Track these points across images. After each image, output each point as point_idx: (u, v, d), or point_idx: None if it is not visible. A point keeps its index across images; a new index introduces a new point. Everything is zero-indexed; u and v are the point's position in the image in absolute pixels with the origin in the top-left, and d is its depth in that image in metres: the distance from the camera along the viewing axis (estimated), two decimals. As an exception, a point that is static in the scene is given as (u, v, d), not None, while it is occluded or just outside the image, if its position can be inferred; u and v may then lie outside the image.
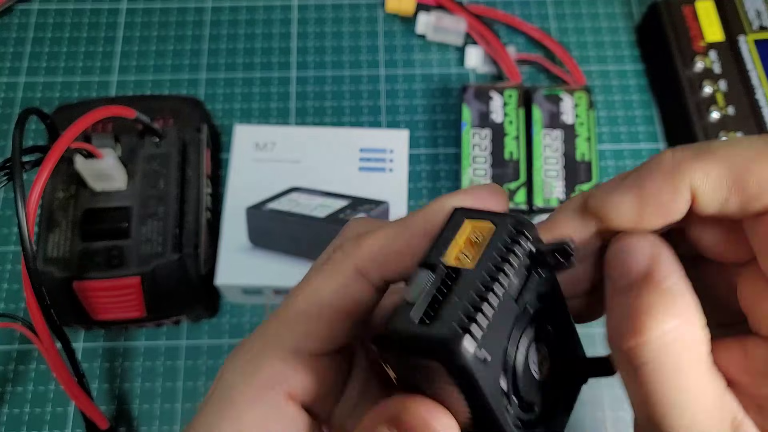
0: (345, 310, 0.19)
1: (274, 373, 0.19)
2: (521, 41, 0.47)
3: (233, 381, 0.19)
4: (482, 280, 0.17)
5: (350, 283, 0.19)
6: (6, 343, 0.38)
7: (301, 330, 0.19)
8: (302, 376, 0.19)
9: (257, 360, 0.19)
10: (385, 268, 0.19)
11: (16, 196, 0.29)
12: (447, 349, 0.15)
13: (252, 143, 0.39)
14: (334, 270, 0.20)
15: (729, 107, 0.41)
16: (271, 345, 0.19)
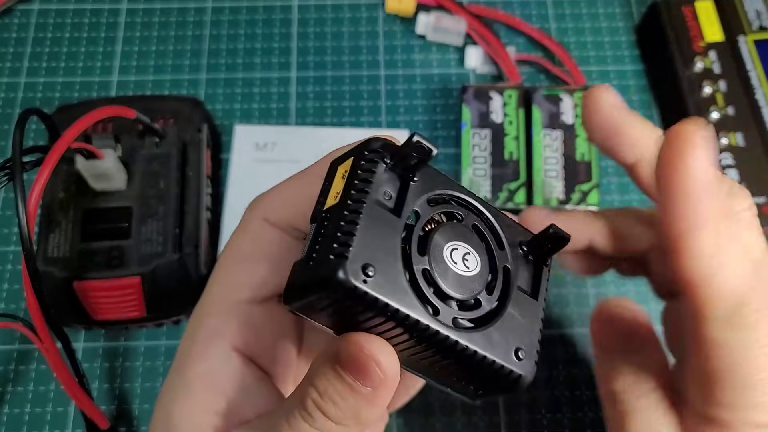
0: (264, 257, 0.21)
1: (215, 327, 0.21)
2: (521, 41, 0.47)
3: (182, 345, 0.21)
4: (343, 206, 0.17)
5: (261, 232, 0.21)
6: (6, 343, 0.38)
7: (230, 282, 0.21)
8: (241, 326, 0.21)
9: (197, 320, 0.21)
10: (290, 215, 0.21)
11: (16, 196, 0.29)
12: (326, 279, 0.16)
13: (252, 143, 0.39)
14: (245, 226, 0.22)
15: (729, 107, 0.41)
16: (206, 305, 0.21)
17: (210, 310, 0.21)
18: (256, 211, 0.21)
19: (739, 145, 0.40)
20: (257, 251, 0.21)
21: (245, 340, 0.21)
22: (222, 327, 0.21)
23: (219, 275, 0.22)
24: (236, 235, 0.22)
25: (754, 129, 0.40)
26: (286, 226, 0.21)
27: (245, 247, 0.21)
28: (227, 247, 0.22)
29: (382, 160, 0.18)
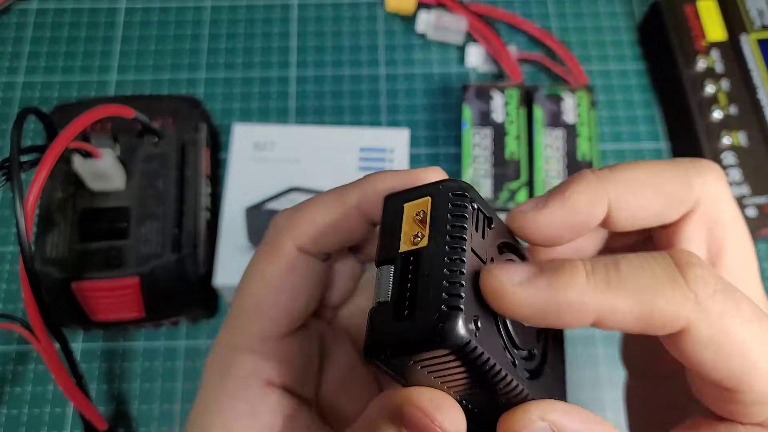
0: (295, 288, 0.20)
1: (248, 365, 0.19)
2: (522, 40, 0.47)
3: (213, 380, 0.20)
4: (443, 252, 0.16)
5: (294, 260, 0.20)
6: (4, 344, 0.38)
7: (264, 315, 0.20)
8: (274, 361, 0.20)
9: (230, 355, 0.20)
10: (322, 242, 0.20)
11: (14, 196, 0.28)
12: (442, 335, 0.15)
13: (251, 143, 0.39)
14: (275, 251, 0.20)
15: (731, 106, 0.41)
16: (238, 338, 0.20)
17: (243, 345, 0.20)
18: (287, 234, 0.20)
19: (742, 145, 0.40)
20: (291, 282, 0.20)
21: (280, 374, 0.20)
22: (256, 365, 0.20)
23: (249, 304, 0.20)
24: (266, 260, 0.20)
25: (757, 128, 0.40)
26: (316, 252, 0.20)
27: (278, 276, 0.20)
28: (255, 272, 0.20)
29: (470, 204, 0.17)
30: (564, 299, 0.16)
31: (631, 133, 0.44)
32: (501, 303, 0.16)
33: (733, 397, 0.17)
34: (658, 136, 0.44)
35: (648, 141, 0.44)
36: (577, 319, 0.16)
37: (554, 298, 0.16)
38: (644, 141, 0.44)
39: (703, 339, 0.16)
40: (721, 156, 0.40)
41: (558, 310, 0.16)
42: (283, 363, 0.20)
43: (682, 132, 0.42)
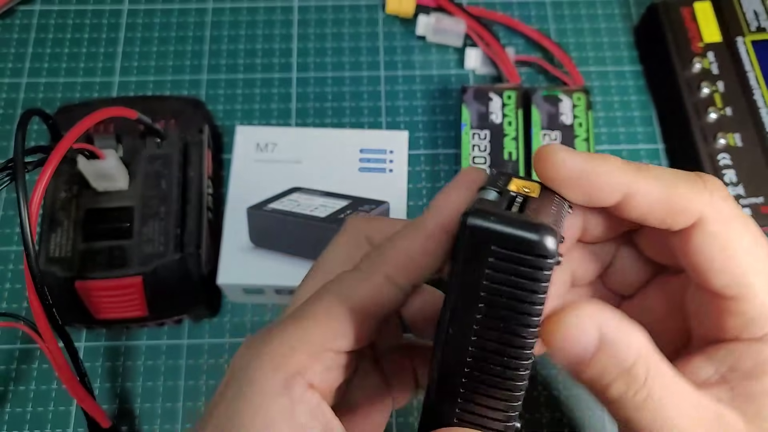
0: (374, 314, 0.20)
1: (301, 367, 0.19)
2: (520, 42, 0.47)
3: (258, 374, 0.19)
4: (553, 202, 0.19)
5: (382, 289, 0.20)
6: (8, 343, 0.38)
7: (333, 329, 0.20)
8: (326, 371, 0.20)
9: (287, 354, 0.20)
10: (411, 274, 0.21)
11: (18, 197, 0.29)
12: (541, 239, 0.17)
13: (253, 144, 0.39)
14: (366, 277, 0.21)
15: (727, 108, 0.41)
16: (301, 340, 0.20)
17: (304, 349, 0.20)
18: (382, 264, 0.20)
19: (737, 146, 0.40)
20: (371, 308, 0.20)
21: (324, 383, 0.20)
22: (310, 370, 0.20)
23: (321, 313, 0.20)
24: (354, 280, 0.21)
25: (752, 129, 0.41)
26: (405, 285, 0.21)
27: (360, 298, 0.20)
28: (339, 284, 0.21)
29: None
30: (601, 169, 0.19)
31: (627, 134, 0.45)
32: (545, 166, 0.19)
33: (735, 308, 0.19)
34: (654, 137, 0.45)
35: (644, 142, 0.45)
36: (607, 191, 0.19)
37: (591, 169, 0.19)
38: (641, 142, 0.45)
39: (713, 233, 0.19)
40: (716, 157, 0.40)
41: (593, 184, 0.19)
42: (331, 374, 0.20)
43: (679, 133, 0.43)
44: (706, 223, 0.19)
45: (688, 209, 0.19)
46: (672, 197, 0.19)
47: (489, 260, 0.17)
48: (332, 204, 0.37)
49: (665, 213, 0.19)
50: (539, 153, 0.20)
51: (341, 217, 0.36)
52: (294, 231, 0.37)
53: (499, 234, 0.17)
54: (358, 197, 0.38)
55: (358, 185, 0.38)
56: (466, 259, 0.17)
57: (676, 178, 0.19)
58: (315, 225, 0.36)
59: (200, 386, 0.38)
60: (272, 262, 0.37)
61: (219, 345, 0.39)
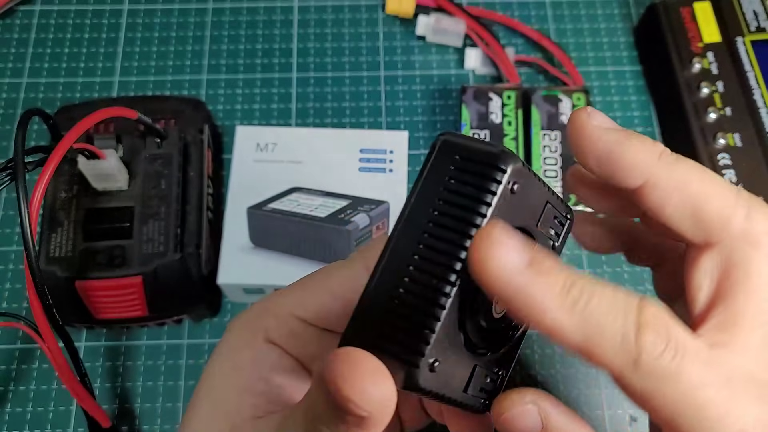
0: (343, 298, 0.22)
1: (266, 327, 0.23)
2: (520, 42, 0.47)
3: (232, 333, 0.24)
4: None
5: (356, 277, 0.22)
6: (9, 343, 0.38)
7: (302, 300, 0.23)
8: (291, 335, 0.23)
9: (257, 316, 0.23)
10: None
11: (18, 196, 0.29)
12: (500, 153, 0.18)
13: (253, 144, 0.39)
14: (345, 265, 0.23)
15: (726, 108, 0.41)
16: (272, 306, 0.23)
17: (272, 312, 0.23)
18: (362, 255, 0.23)
19: (737, 146, 0.40)
20: (341, 290, 0.22)
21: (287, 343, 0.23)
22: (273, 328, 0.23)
23: (297, 285, 0.23)
24: (336, 266, 0.23)
25: (752, 129, 0.41)
26: None
27: (334, 280, 0.23)
28: (324, 268, 0.24)
29: None
30: (532, 301, 0.17)
31: (628, 134, 0.45)
32: (480, 271, 0.17)
33: None
34: (654, 137, 0.45)
35: (644, 142, 0.45)
36: (532, 322, 0.17)
37: (524, 295, 0.17)
38: (641, 142, 0.45)
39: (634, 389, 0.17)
40: (716, 157, 0.40)
41: (522, 305, 0.17)
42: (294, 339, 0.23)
43: (678, 133, 0.43)
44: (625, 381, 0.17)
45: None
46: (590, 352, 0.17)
47: (450, 168, 0.18)
48: (332, 204, 0.37)
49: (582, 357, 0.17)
50: (570, 121, 0.19)
51: (341, 217, 0.36)
52: (294, 231, 0.37)
53: (465, 146, 0.18)
54: (358, 197, 0.38)
55: (358, 185, 0.39)
56: (430, 168, 0.19)
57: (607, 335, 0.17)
58: (315, 225, 0.36)
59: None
60: (272, 262, 0.37)
61: (219, 345, 0.39)
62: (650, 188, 0.19)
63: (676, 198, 0.19)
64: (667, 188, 0.19)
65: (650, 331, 0.17)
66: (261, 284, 0.36)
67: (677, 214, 0.19)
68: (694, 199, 0.18)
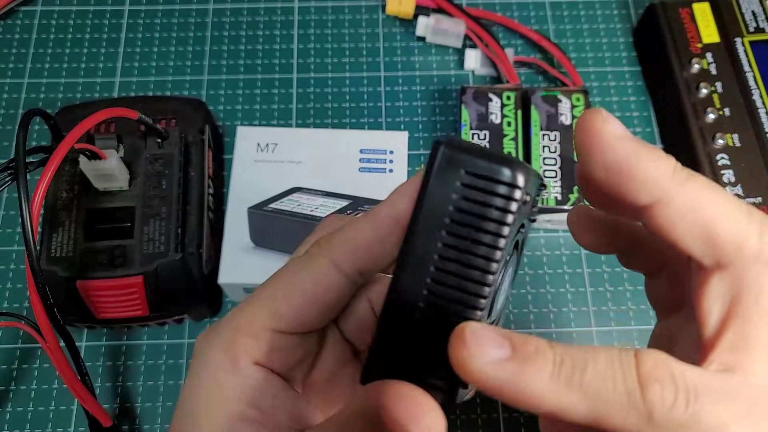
0: (317, 299, 0.21)
1: (246, 348, 0.21)
2: (520, 43, 0.47)
3: (209, 359, 0.21)
4: None
5: (324, 273, 0.20)
6: (10, 342, 0.38)
7: (274, 312, 0.21)
8: (273, 350, 0.21)
9: (233, 338, 0.21)
10: (358, 260, 0.20)
11: (20, 196, 0.29)
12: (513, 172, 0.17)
13: (254, 144, 0.40)
14: (309, 261, 0.21)
15: (725, 109, 0.41)
16: (245, 323, 0.21)
17: (247, 331, 0.21)
18: (327, 250, 0.21)
19: (736, 146, 0.40)
20: (311, 291, 0.21)
21: (271, 360, 0.21)
22: (252, 348, 0.21)
23: (264, 296, 0.21)
24: (296, 262, 0.21)
25: (751, 130, 0.41)
26: (351, 272, 0.21)
27: (300, 282, 0.21)
28: (285, 272, 0.21)
29: None
30: (525, 389, 0.16)
31: (627, 134, 0.45)
32: (464, 372, 0.16)
33: None
34: (653, 137, 0.45)
35: (644, 142, 0.45)
36: (532, 408, 0.16)
37: (516, 386, 0.16)
38: (640, 142, 0.45)
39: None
40: (715, 157, 0.40)
41: (517, 396, 0.16)
42: (278, 353, 0.21)
43: (677, 134, 0.43)
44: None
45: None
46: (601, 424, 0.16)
47: (457, 185, 0.17)
48: (332, 204, 0.38)
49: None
50: (583, 124, 0.18)
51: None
52: (294, 231, 0.37)
53: (471, 163, 0.17)
54: (358, 197, 0.38)
55: (358, 185, 0.39)
56: (434, 185, 0.17)
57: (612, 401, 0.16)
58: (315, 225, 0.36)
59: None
60: (273, 262, 0.37)
61: (219, 344, 0.39)
62: (662, 207, 0.18)
63: (689, 219, 0.17)
64: (680, 209, 0.17)
65: (655, 384, 0.16)
66: (261, 284, 0.37)
67: (689, 235, 0.18)
68: (707, 221, 0.17)
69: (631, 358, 0.16)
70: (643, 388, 0.16)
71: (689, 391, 0.16)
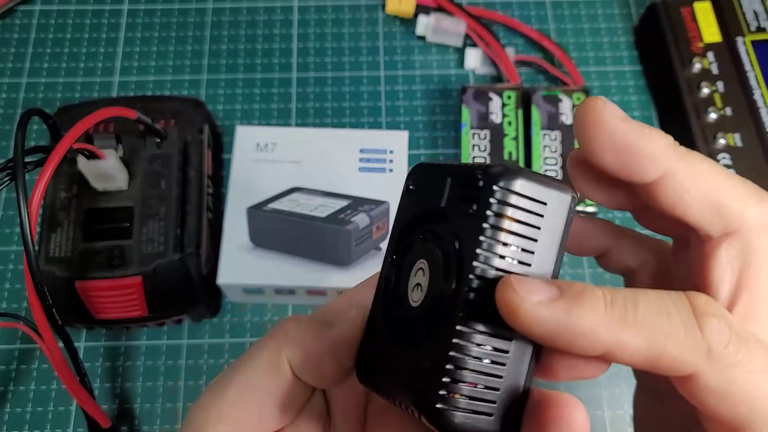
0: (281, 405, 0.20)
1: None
2: (520, 42, 0.47)
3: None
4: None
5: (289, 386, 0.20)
6: (8, 343, 0.38)
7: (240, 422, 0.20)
8: None
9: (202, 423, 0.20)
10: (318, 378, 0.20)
11: (18, 197, 0.29)
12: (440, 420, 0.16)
13: (253, 144, 0.39)
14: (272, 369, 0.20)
15: (727, 108, 0.41)
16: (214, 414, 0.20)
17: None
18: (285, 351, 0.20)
19: (737, 146, 0.40)
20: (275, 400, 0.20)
21: None
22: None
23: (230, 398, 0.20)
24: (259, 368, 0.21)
25: (752, 129, 0.41)
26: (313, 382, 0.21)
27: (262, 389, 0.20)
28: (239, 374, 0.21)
29: None
30: (579, 327, 0.16)
31: (628, 134, 0.45)
32: (514, 318, 0.16)
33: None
34: (654, 137, 0.45)
35: (645, 142, 0.45)
36: (588, 348, 0.16)
37: (570, 325, 0.16)
38: (641, 142, 0.45)
39: (710, 386, 0.16)
40: (716, 157, 0.40)
41: (571, 336, 0.16)
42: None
43: (679, 133, 0.43)
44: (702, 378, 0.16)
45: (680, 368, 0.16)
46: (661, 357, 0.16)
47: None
48: (332, 204, 0.37)
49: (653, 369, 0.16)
50: (585, 112, 0.18)
51: (341, 217, 0.36)
52: (294, 231, 0.37)
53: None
54: (358, 197, 0.38)
55: (358, 185, 0.38)
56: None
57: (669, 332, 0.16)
58: (315, 225, 0.36)
59: (200, 386, 0.38)
60: (272, 262, 0.37)
61: (219, 345, 0.39)
62: (668, 180, 0.18)
63: (694, 190, 0.18)
64: (685, 180, 0.18)
65: (712, 318, 0.16)
66: (261, 284, 0.36)
67: (696, 205, 0.18)
68: (712, 190, 0.18)
69: (682, 295, 0.16)
70: (700, 321, 0.16)
71: (740, 333, 0.16)
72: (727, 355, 0.16)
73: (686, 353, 0.16)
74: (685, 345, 0.16)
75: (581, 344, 0.16)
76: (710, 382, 0.16)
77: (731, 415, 0.17)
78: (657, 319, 0.16)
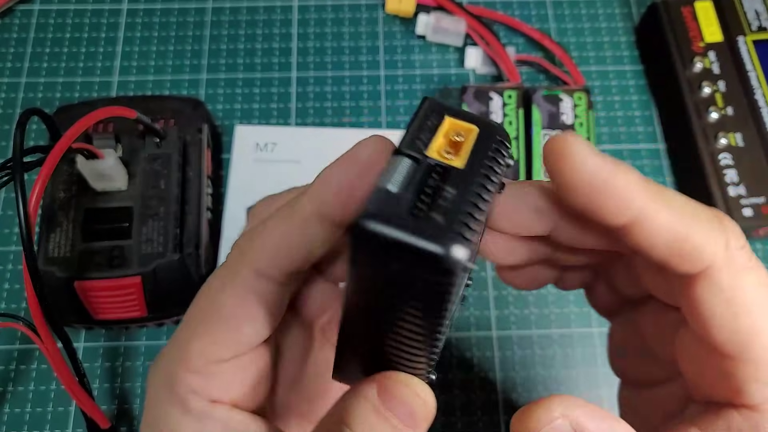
0: (248, 316, 0.19)
1: (191, 384, 0.19)
2: (521, 42, 0.47)
3: (157, 397, 0.19)
4: (475, 183, 0.15)
5: (250, 289, 0.19)
6: (7, 343, 0.38)
7: (206, 341, 0.19)
8: (219, 381, 0.19)
9: (172, 374, 0.19)
10: (285, 265, 0.19)
11: (17, 196, 0.29)
12: (446, 258, 0.14)
13: (253, 144, 0.39)
14: (231, 275, 0.19)
15: (728, 108, 0.41)
16: (181, 357, 0.19)
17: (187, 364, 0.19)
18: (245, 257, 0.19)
19: (739, 146, 0.40)
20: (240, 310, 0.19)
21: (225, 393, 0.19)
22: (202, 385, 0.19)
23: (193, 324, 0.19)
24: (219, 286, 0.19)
25: (753, 129, 0.40)
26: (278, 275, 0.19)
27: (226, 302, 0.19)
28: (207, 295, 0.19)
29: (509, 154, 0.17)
30: (621, 183, 0.16)
31: (628, 134, 0.45)
32: (564, 163, 0.16)
33: (733, 369, 0.17)
34: (655, 137, 0.45)
35: (645, 142, 0.45)
36: (620, 209, 0.16)
37: (612, 180, 0.16)
38: (642, 142, 0.44)
39: (720, 285, 0.17)
40: (717, 157, 0.40)
41: (611, 191, 0.16)
42: (229, 383, 0.19)
43: (679, 133, 0.43)
44: (715, 274, 0.17)
45: (700, 254, 0.16)
46: (685, 237, 0.16)
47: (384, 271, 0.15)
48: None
49: (672, 253, 0.16)
50: (554, 145, 0.17)
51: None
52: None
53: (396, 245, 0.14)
54: (358, 197, 0.38)
55: (358, 185, 0.38)
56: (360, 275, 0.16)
57: (695, 214, 0.16)
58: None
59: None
60: (272, 263, 0.36)
61: (218, 345, 0.39)
62: (642, 222, 0.17)
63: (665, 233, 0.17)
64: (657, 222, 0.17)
65: (730, 222, 0.17)
66: (260, 284, 0.36)
67: (668, 248, 0.17)
68: (686, 229, 0.17)
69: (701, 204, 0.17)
70: (721, 220, 0.17)
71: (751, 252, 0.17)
72: (742, 255, 0.17)
73: (708, 241, 0.16)
74: (708, 232, 0.17)
75: (614, 204, 0.16)
76: (722, 279, 0.17)
77: (730, 330, 0.17)
78: (686, 204, 0.17)
